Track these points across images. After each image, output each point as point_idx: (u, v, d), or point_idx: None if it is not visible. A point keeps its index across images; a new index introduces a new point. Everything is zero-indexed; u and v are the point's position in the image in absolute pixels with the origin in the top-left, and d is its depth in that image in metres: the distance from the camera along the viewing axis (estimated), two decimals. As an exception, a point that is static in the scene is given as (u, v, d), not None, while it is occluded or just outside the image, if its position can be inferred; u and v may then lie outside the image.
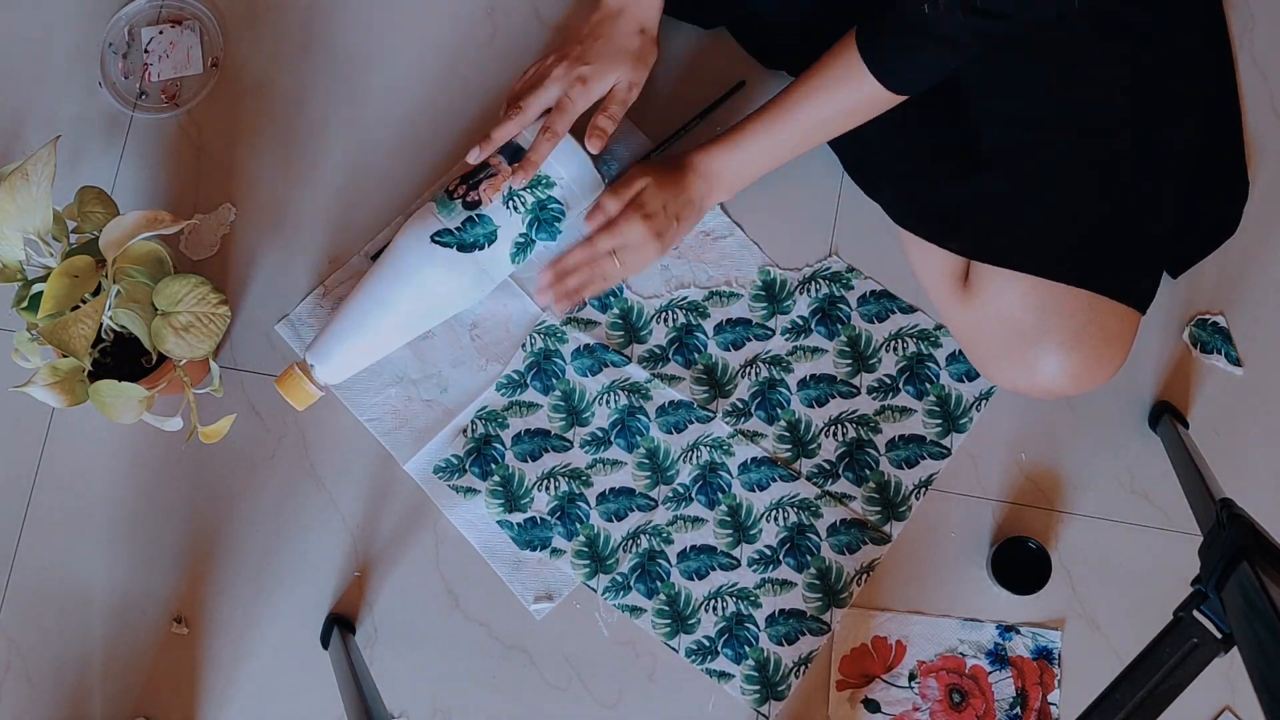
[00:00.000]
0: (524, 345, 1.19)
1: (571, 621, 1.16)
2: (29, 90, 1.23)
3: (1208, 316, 1.21)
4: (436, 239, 1.10)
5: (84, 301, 0.99)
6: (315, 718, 1.14)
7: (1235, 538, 0.87)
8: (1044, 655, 1.16)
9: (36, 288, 1.00)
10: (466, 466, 1.17)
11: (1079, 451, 1.19)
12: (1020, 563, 1.15)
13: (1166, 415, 1.17)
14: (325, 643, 1.15)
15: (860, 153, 1.17)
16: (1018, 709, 1.15)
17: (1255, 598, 0.80)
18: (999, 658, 1.16)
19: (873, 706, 1.15)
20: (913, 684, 1.16)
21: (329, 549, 1.17)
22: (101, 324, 0.99)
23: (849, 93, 1.04)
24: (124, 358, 1.06)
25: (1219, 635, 0.85)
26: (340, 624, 1.14)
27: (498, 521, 1.16)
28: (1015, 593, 1.14)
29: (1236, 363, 1.20)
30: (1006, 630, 1.16)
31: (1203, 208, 1.19)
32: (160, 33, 1.23)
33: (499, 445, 1.18)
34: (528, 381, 1.19)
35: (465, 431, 1.18)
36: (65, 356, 0.98)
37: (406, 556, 1.17)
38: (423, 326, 1.14)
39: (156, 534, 1.16)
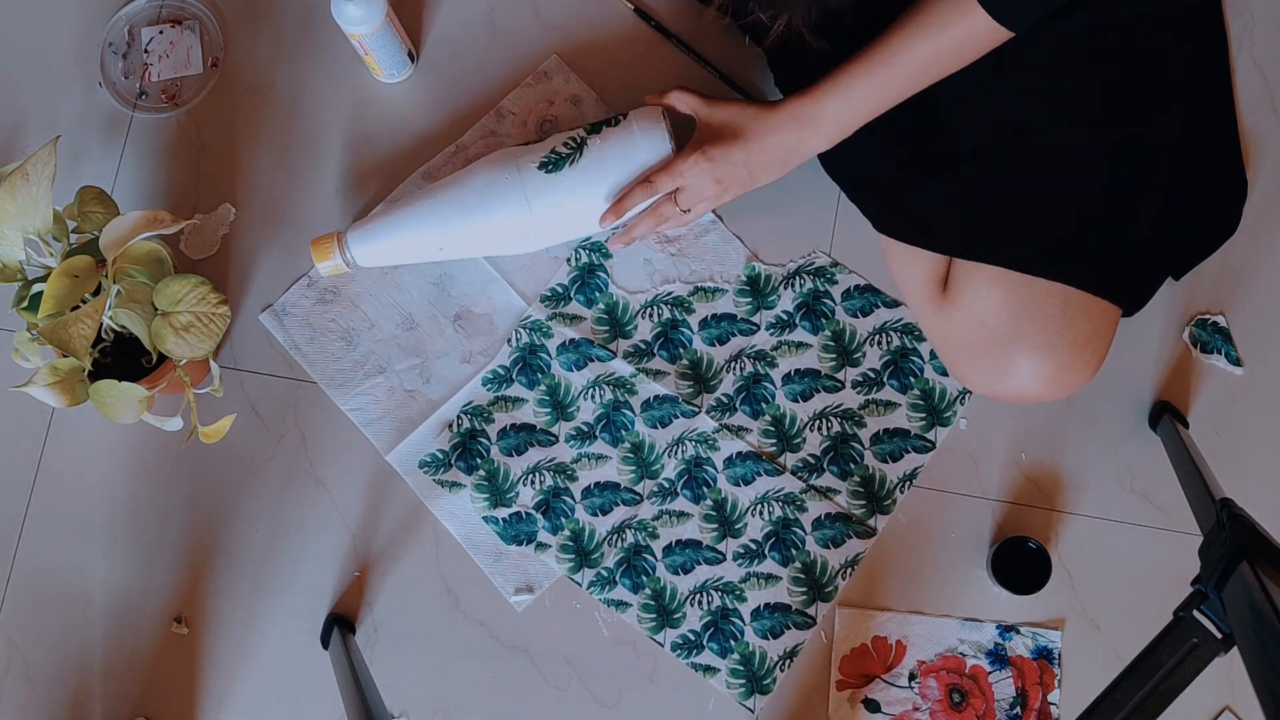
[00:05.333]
0: (510, 340, 1.19)
1: (571, 621, 1.16)
2: (29, 90, 1.23)
3: (1208, 316, 1.21)
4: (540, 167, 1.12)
5: (84, 301, 0.99)
6: (315, 718, 1.14)
7: (1235, 538, 0.87)
8: (1044, 655, 1.16)
9: (36, 288, 1.01)
10: (452, 461, 1.17)
11: (1079, 451, 1.19)
12: (1020, 563, 1.15)
13: (1166, 415, 1.17)
14: (325, 643, 1.15)
15: (842, 159, 1.16)
16: (1018, 709, 1.15)
17: (1255, 598, 0.80)
18: (999, 658, 1.16)
19: (873, 706, 1.15)
20: (913, 684, 1.16)
21: (329, 549, 1.17)
22: (101, 324, 0.99)
23: (958, 29, 1.02)
24: (124, 358, 1.06)
25: (1219, 635, 0.85)
26: (340, 624, 1.14)
27: (484, 518, 1.17)
28: (1015, 593, 1.14)
29: (1236, 363, 1.20)
30: (1006, 630, 1.16)
31: (1202, 208, 1.18)
32: (160, 33, 1.23)
33: (484, 440, 1.18)
34: (513, 376, 1.19)
35: (450, 426, 1.18)
36: (65, 356, 0.98)
37: (406, 556, 1.17)
38: (460, 254, 1.16)
39: (156, 534, 1.16)
